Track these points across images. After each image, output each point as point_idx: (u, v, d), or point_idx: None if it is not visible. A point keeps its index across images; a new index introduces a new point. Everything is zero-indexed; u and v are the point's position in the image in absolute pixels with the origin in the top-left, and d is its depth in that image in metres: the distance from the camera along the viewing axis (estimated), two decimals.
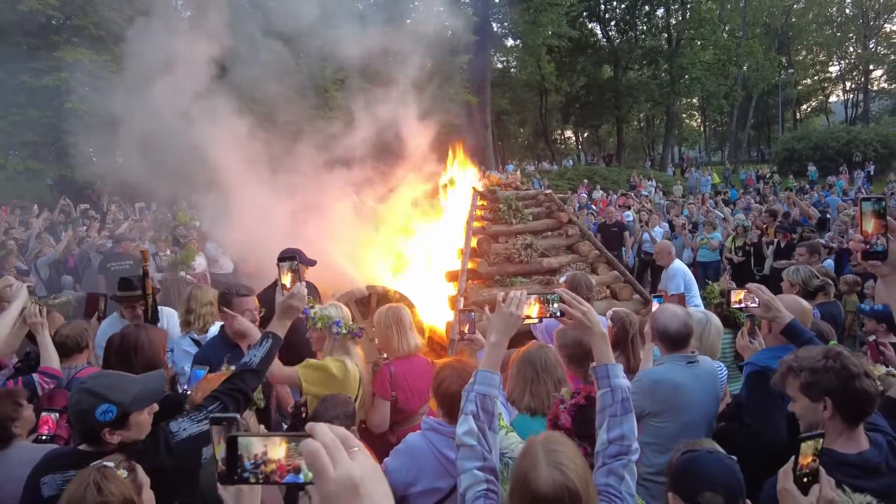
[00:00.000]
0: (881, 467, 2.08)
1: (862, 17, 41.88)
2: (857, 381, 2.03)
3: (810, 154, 27.46)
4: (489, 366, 1.98)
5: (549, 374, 2.81)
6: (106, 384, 2.13)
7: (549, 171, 27.20)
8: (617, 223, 11.39)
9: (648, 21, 36.82)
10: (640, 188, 21.70)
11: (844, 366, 2.04)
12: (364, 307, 6.42)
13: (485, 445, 1.83)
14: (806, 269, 4.32)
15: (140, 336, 2.98)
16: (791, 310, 2.82)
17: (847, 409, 2.07)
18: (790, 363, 2.18)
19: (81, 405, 2.06)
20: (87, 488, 1.75)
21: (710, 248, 10.59)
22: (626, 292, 7.17)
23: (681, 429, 2.86)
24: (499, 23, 31.54)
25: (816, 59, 46.59)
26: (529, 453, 1.67)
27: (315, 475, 0.85)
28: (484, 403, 1.89)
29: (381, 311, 3.81)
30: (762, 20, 40.29)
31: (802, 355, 2.16)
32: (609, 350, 2.01)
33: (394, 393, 3.55)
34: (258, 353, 2.45)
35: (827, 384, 2.06)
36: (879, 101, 45.33)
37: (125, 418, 2.10)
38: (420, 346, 3.83)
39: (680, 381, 2.94)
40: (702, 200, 15.78)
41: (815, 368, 2.08)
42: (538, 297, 2.12)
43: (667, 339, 3.06)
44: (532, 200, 8.01)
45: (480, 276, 7.03)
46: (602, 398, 1.92)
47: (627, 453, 1.83)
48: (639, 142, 49.18)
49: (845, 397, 2.05)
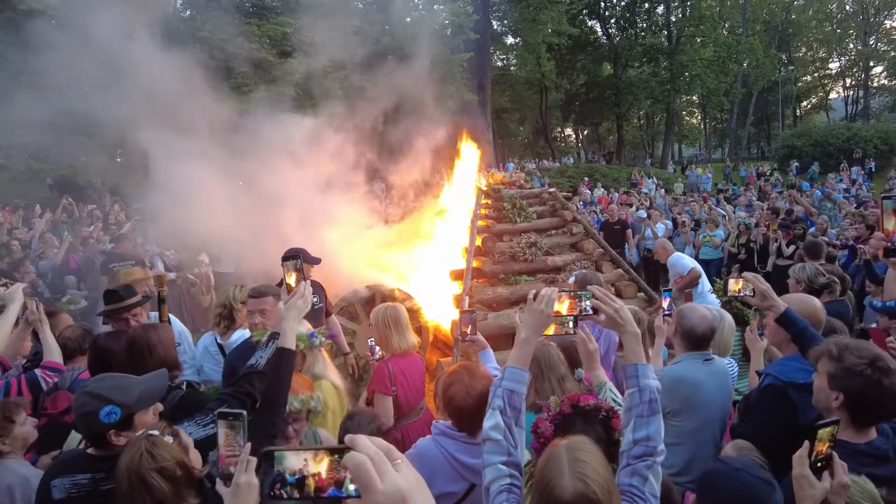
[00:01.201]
0: (889, 454, 2.12)
1: (862, 13, 41.88)
2: (881, 398, 2.03)
3: (811, 151, 27.48)
4: (518, 362, 1.98)
5: (553, 371, 2.86)
6: (108, 386, 2.13)
7: (549, 169, 27.19)
8: (620, 221, 11.39)
9: (648, 18, 36.78)
10: (641, 186, 21.70)
11: (880, 381, 2.01)
12: (370, 307, 6.44)
13: (510, 441, 1.84)
14: (812, 267, 4.31)
15: (151, 336, 2.93)
16: (803, 308, 2.83)
17: (858, 412, 2.09)
18: (833, 348, 2.15)
19: (85, 408, 2.06)
20: (141, 457, 1.82)
21: (713, 245, 10.61)
22: (631, 290, 7.18)
23: (698, 426, 2.89)
24: (499, 20, 31.54)
25: (816, 55, 46.57)
26: (554, 459, 1.67)
27: (362, 489, 0.83)
28: (511, 399, 1.90)
29: (379, 310, 3.84)
30: (762, 17, 40.26)
31: (853, 347, 2.12)
32: (641, 350, 1.99)
33: (394, 388, 3.59)
34: (264, 355, 2.42)
35: (851, 386, 2.05)
36: (879, 97, 45.33)
37: (130, 419, 2.10)
38: (415, 344, 3.89)
39: (700, 379, 3.00)
40: (703, 198, 15.78)
41: (852, 368, 2.06)
42: (569, 294, 2.10)
43: (691, 339, 3.10)
44: (536, 199, 8.02)
45: (485, 275, 7.04)
46: (630, 398, 1.92)
47: (653, 454, 1.83)
48: (639, 139, 49.17)
49: (860, 403, 2.06)
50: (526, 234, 7.35)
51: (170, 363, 2.82)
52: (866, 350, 2.10)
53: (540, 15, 27.21)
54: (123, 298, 3.68)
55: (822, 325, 2.86)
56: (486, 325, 6.48)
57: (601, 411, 2.13)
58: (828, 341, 2.24)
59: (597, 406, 2.14)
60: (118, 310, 3.66)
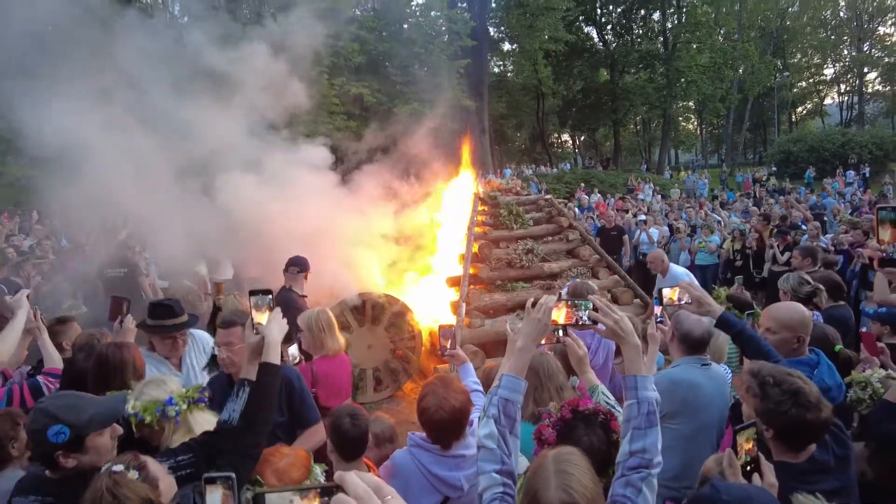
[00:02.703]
0: (830, 464, 2.16)
1: (856, 19, 42.20)
2: (806, 430, 2.09)
3: (806, 156, 27.65)
4: (515, 371, 1.98)
5: (552, 380, 2.86)
6: (62, 405, 2.03)
7: (546, 175, 27.27)
8: (616, 227, 11.43)
9: (644, 25, 37.02)
10: (637, 192, 21.78)
11: (803, 417, 2.06)
12: (360, 314, 6.50)
13: (504, 449, 1.86)
14: (796, 277, 4.35)
15: (124, 355, 2.86)
16: (790, 317, 2.85)
17: (789, 442, 2.14)
18: (755, 386, 2.18)
19: (35, 424, 1.96)
20: (102, 498, 1.70)
21: (708, 251, 10.66)
22: (627, 296, 7.22)
23: (695, 430, 2.92)
24: (496, 27, 31.68)
25: (811, 61, 46.85)
26: (541, 470, 1.70)
27: None
28: (506, 408, 1.90)
29: (311, 315, 3.89)
30: (757, 23, 40.52)
31: (776, 381, 2.14)
32: (641, 361, 1.99)
33: (314, 389, 3.61)
34: (237, 408, 2.23)
35: (778, 424, 2.10)
36: (874, 103, 45.65)
37: (80, 441, 1.98)
38: (343, 346, 3.98)
39: (698, 382, 3.03)
40: (700, 204, 15.85)
41: (776, 408, 2.10)
42: (566, 302, 2.07)
43: (688, 343, 3.13)
44: (532, 205, 8.07)
45: (482, 282, 7.08)
46: (628, 409, 1.92)
47: (648, 466, 1.83)
48: (636, 145, 49.36)
49: (790, 437, 2.12)
50: (522, 240, 7.40)
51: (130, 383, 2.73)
52: (788, 383, 2.11)
53: (536, 21, 27.36)
54: (176, 315, 3.39)
55: (807, 333, 2.86)
56: (483, 331, 6.51)
57: (600, 414, 2.15)
58: (746, 371, 2.27)
59: (595, 409, 2.17)
60: (168, 327, 3.38)
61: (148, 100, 6.42)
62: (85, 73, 6.01)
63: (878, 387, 2.91)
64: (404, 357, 6.78)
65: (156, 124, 6.39)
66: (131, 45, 6.36)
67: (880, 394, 2.87)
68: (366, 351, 6.62)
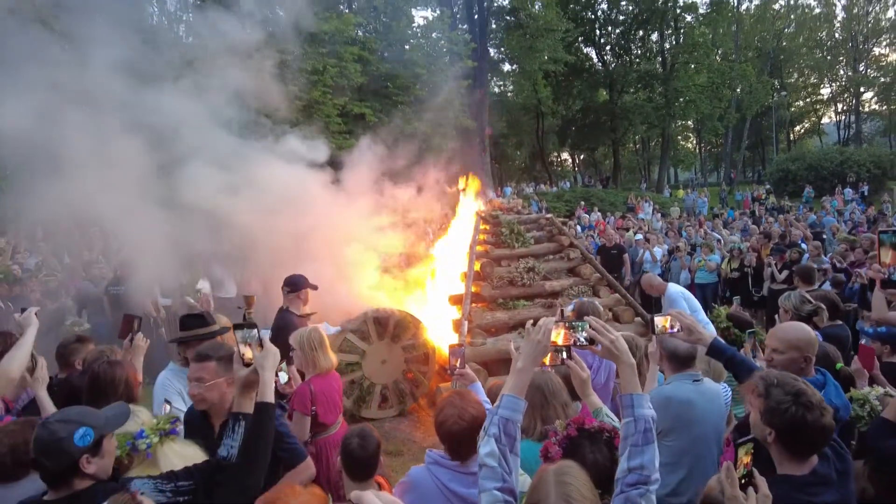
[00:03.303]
0: (832, 477, 2.18)
1: (851, 41, 42.77)
2: (806, 432, 2.11)
3: (805, 175, 27.81)
4: (515, 391, 2.02)
5: (557, 398, 2.86)
6: (76, 412, 2.09)
7: (546, 193, 27.42)
8: (617, 245, 11.49)
9: (643, 45, 37.48)
10: (637, 210, 21.88)
11: (804, 417, 2.09)
12: (382, 328, 6.58)
13: (505, 467, 1.89)
14: (797, 295, 4.36)
15: (115, 373, 2.90)
16: (797, 337, 2.87)
17: (791, 446, 2.16)
18: (760, 385, 2.22)
19: (57, 434, 1.97)
20: None
21: (708, 269, 10.69)
22: (628, 315, 7.25)
23: (691, 444, 2.95)
24: (496, 48, 32.11)
25: (808, 81, 47.38)
26: (542, 483, 1.75)
27: None
28: (507, 427, 1.94)
29: (303, 334, 3.93)
30: (754, 44, 41.09)
31: (780, 383, 2.19)
32: (636, 380, 2.05)
33: (314, 408, 3.68)
34: (234, 444, 2.19)
35: (779, 423, 2.13)
36: (871, 122, 46.03)
37: (100, 443, 2.06)
38: (335, 364, 4.00)
39: (690, 398, 3.07)
40: (699, 222, 15.92)
41: (777, 407, 2.14)
42: (564, 324, 2.14)
43: (676, 359, 3.18)
44: (534, 224, 8.14)
45: (484, 300, 7.12)
46: (625, 427, 1.97)
47: (647, 483, 1.88)
48: (635, 163, 49.66)
49: (791, 438, 2.14)
50: (524, 258, 7.47)
51: (130, 402, 2.77)
52: (791, 385, 2.17)
53: (536, 43, 27.73)
54: (207, 324, 3.30)
55: (814, 353, 2.89)
56: (485, 350, 6.53)
57: (605, 432, 2.19)
58: (756, 375, 2.31)
59: (601, 427, 2.20)
60: (200, 336, 3.28)
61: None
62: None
63: (875, 404, 2.95)
64: (415, 380, 6.81)
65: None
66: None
67: (878, 411, 2.91)
68: (379, 365, 6.66)
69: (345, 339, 6.47)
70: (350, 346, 6.54)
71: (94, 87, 5.73)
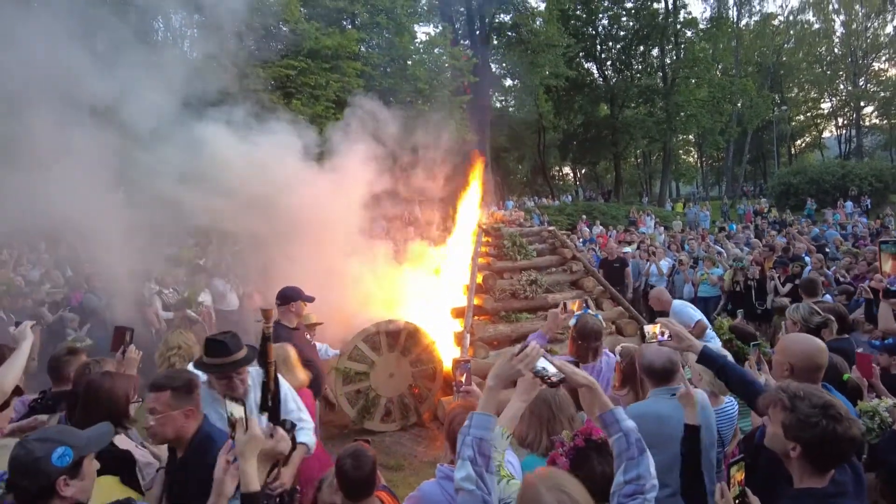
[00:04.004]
0: (848, 486, 2.13)
1: (850, 55, 43.00)
2: (837, 445, 2.02)
3: (807, 188, 27.82)
4: (485, 408, 2.01)
5: (563, 411, 2.79)
6: (55, 430, 2.05)
7: (548, 207, 27.45)
8: (619, 259, 11.47)
9: (644, 61, 37.76)
10: (639, 224, 21.87)
11: (834, 430, 2.00)
12: (393, 340, 6.57)
13: (483, 489, 1.87)
14: (806, 307, 4.30)
15: (104, 383, 2.83)
16: (805, 349, 2.81)
17: (817, 460, 2.07)
18: (784, 398, 2.12)
19: (34, 454, 1.89)
20: None
21: (711, 283, 10.65)
22: (631, 328, 7.21)
23: (671, 461, 2.80)
24: (497, 63, 32.37)
25: (808, 96, 47.58)
26: (528, 488, 1.72)
27: None
28: (481, 447, 1.91)
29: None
30: (754, 59, 41.35)
31: (804, 395, 2.10)
32: (605, 397, 2.03)
33: None
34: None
35: (807, 437, 2.04)
36: (872, 136, 46.13)
37: (80, 464, 1.98)
38: (305, 381, 3.94)
39: (665, 413, 2.91)
40: (702, 236, 15.89)
41: (806, 420, 2.04)
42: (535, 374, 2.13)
43: (652, 375, 3.07)
44: (536, 237, 8.13)
45: (486, 312, 7.09)
46: (617, 443, 1.95)
47: (643, 492, 1.86)
48: (637, 177, 49.78)
49: (818, 452, 2.05)
50: (526, 271, 7.44)
51: (117, 413, 2.73)
52: (817, 397, 2.08)
53: (538, 58, 27.96)
54: (230, 352, 2.98)
55: (823, 366, 2.81)
56: (486, 364, 6.49)
57: None
58: (777, 388, 2.22)
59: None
60: (217, 367, 2.98)
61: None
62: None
63: (885, 416, 2.91)
64: (420, 395, 6.77)
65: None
66: None
67: (888, 423, 2.87)
68: (386, 378, 6.63)
69: (355, 348, 6.45)
70: (360, 356, 6.52)
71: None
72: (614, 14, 35.36)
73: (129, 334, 3.69)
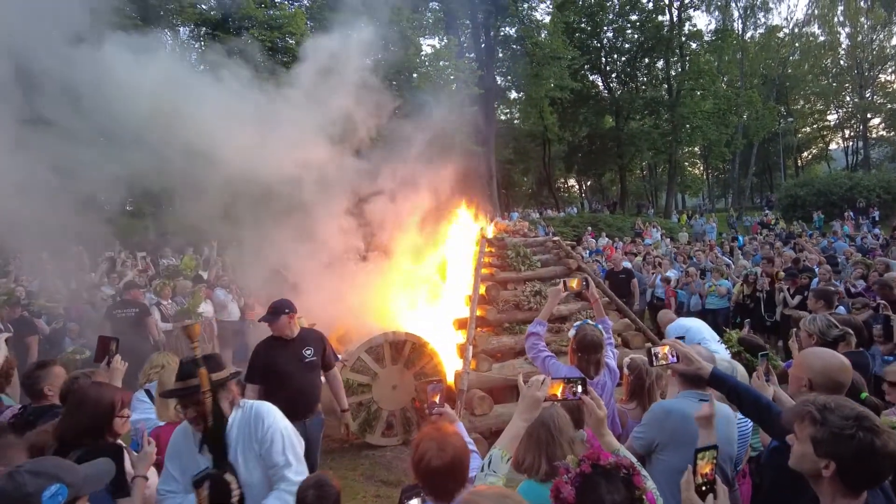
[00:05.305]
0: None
1: (856, 68, 42.90)
2: (876, 460, 1.81)
3: (814, 200, 27.62)
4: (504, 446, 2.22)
5: (563, 434, 2.65)
6: (52, 464, 1.85)
7: (553, 218, 27.36)
8: (625, 270, 11.36)
9: (649, 73, 37.80)
10: (645, 235, 21.75)
11: (872, 442, 1.80)
12: (397, 352, 6.48)
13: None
14: (823, 319, 4.13)
15: (89, 392, 2.72)
16: (827, 366, 2.69)
17: (852, 479, 1.86)
18: (814, 410, 1.92)
19: (24, 488, 1.71)
20: None
21: (719, 294, 10.53)
22: (638, 340, 7.08)
23: (684, 464, 2.72)
24: (502, 76, 32.49)
25: (814, 108, 47.43)
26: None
27: None
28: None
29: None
30: (759, 71, 41.31)
31: (834, 406, 1.91)
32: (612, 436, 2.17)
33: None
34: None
35: (843, 452, 1.83)
36: (879, 148, 45.89)
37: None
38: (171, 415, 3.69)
39: (690, 413, 2.82)
40: (710, 247, 15.76)
41: (840, 433, 1.84)
42: (563, 380, 2.37)
43: (685, 377, 3.01)
44: (540, 247, 8.02)
45: (489, 324, 6.97)
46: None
47: None
48: (642, 189, 49.67)
49: (854, 469, 1.84)
50: (530, 282, 7.32)
51: (95, 426, 2.60)
52: (849, 408, 1.89)
53: (542, 70, 28.01)
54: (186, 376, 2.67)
55: (846, 386, 2.67)
56: (489, 376, 6.36)
57: (622, 469, 1.97)
58: (803, 400, 2.03)
59: (617, 463, 1.98)
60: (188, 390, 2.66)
61: None
62: None
63: None
64: (422, 410, 6.65)
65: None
66: None
67: None
68: (389, 391, 6.53)
69: (359, 359, 6.35)
70: (363, 367, 6.41)
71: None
72: (619, 26, 35.48)
73: (115, 344, 3.60)
